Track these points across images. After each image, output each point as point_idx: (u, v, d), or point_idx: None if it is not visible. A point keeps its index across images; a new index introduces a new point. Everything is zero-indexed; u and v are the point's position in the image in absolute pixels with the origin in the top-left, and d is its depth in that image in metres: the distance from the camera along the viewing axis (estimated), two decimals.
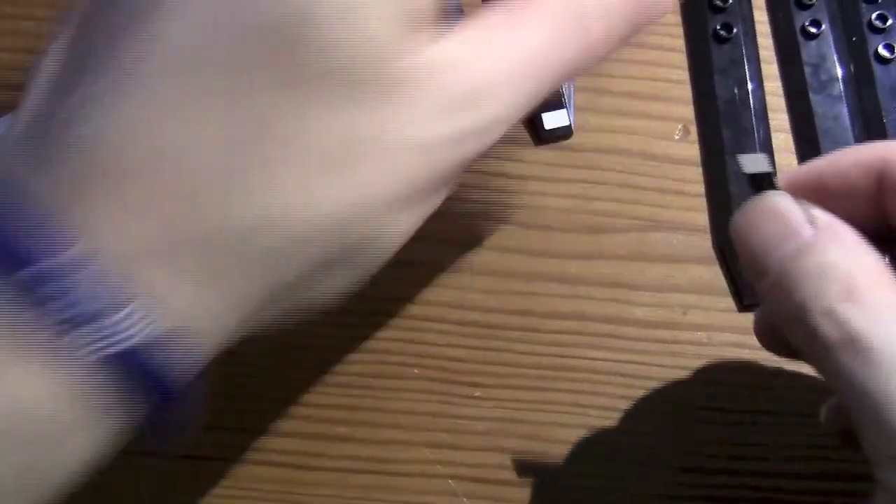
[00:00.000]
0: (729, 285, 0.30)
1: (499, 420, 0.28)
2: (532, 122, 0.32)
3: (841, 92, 0.32)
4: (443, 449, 0.28)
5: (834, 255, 0.19)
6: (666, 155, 0.31)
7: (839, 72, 0.32)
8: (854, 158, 0.22)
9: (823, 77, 0.32)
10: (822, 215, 0.20)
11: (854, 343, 0.18)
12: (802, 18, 0.33)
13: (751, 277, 0.21)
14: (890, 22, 0.32)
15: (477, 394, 0.28)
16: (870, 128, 0.31)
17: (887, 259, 0.20)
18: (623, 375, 0.29)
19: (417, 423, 0.28)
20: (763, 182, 0.22)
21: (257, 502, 0.27)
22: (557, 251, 0.30)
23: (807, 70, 0.32)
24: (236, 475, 0.27)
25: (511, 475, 0.28)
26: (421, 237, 0.29)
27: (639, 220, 0.31)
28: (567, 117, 0.31)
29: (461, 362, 0.29)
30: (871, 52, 0.32)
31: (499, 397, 0.28)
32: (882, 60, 0.32)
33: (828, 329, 0.19)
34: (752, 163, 0.22)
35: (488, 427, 0.28)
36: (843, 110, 0.31)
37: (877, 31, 0.32)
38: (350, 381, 0.28)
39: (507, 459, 0.28)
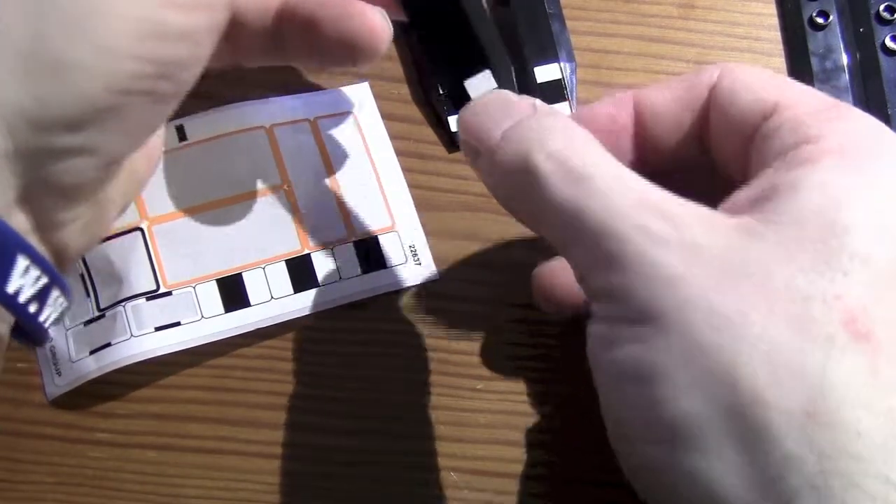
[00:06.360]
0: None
1: (501, 413, 0.28)
2: None
3: (847, 83, 0.32)
4: (445, 441, 0.28)
5: (553, 121, 0.22)
6: None
7: (845, 63, 0.32)
8: (610, 99, 0.25)
9: (830, 68, 0.32)
10: (543, 105, 0.23)
11: (572, 173, 0.20)
12: (810, 9, 0.32)
13: (470, 158, 0.23)
14: None
15: (479, 386, 0.28)
16: None
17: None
18: None
19: (419, 416, 0.28)
20: None
21: (261, 494, 0.27)
22: None
23: (813, 60, 0.32)
24: (240, 468, 0.27)
25: (513, 468, 0.28)
26: (425, 230, 0.30)
27: None
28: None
29: (464, 355, 0.29)
30: (878, 44, 0.32)
31: (501, 390, 0.28)
32: (889, 52, 0.32)
33: (549, 167, 0.20)
34: (477, 84, 0.24)
35: (490, 420, 0.28)
36: (849, 101, 0.31)
37: (884, 22, 0.32)
38: (351, 374, 0.28)
39: (509, 452, 0.28)
